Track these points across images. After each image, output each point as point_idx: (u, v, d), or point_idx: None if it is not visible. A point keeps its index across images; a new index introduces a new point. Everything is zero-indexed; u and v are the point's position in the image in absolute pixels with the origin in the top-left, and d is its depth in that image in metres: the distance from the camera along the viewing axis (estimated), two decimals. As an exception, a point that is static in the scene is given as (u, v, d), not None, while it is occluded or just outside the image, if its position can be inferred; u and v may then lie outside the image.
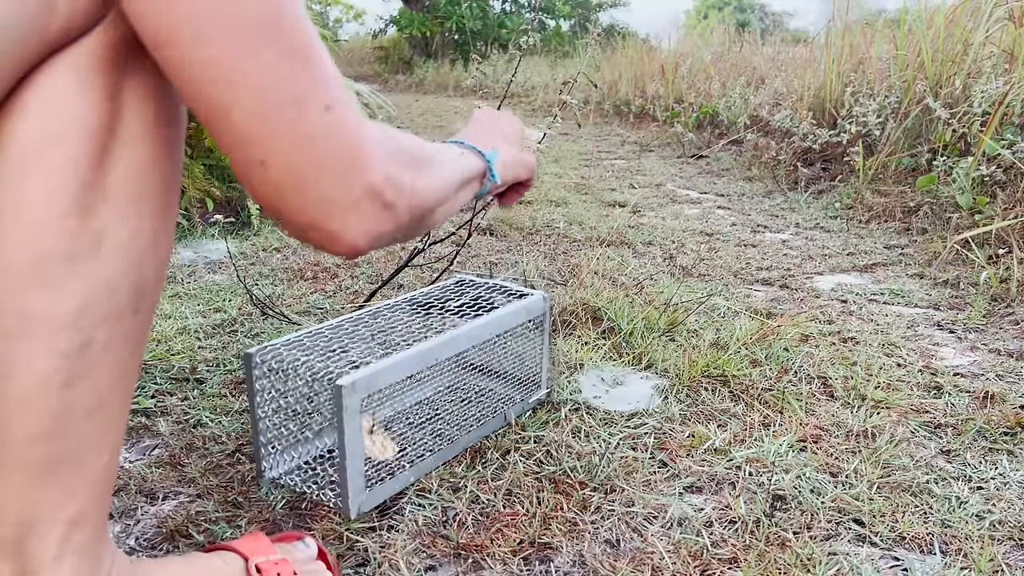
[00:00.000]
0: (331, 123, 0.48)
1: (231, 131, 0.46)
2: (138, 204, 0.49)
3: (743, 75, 4.60)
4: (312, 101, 0.47)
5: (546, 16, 11.99)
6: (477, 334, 0.97)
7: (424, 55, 11.64)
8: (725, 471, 0.96)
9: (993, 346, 1.40)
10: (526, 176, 0.85)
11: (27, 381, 0.47)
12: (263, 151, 0.46)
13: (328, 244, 0.51)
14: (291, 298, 1.61)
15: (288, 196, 0.48)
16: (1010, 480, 0.94)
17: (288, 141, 0.46)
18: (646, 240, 2.19)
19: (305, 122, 0.46)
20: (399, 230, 0.55)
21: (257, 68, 0.45)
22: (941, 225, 2.22)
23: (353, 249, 0.51)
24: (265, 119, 0.46)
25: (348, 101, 0.49)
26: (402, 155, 0.55)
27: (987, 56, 2.59)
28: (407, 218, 0.55)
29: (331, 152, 0.48)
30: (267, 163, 0.47)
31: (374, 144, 0.51)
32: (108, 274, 0.49)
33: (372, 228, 0.51)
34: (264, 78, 0.45)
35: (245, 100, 0.45)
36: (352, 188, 0.49)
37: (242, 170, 0.48)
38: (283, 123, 0.46)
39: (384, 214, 0.52)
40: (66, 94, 0.46)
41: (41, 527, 0.50)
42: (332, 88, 0.48)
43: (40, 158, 0.45)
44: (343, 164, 0.49)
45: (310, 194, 0.48)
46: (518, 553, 0.79)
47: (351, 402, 0.80)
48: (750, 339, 1.37)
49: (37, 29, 0.44)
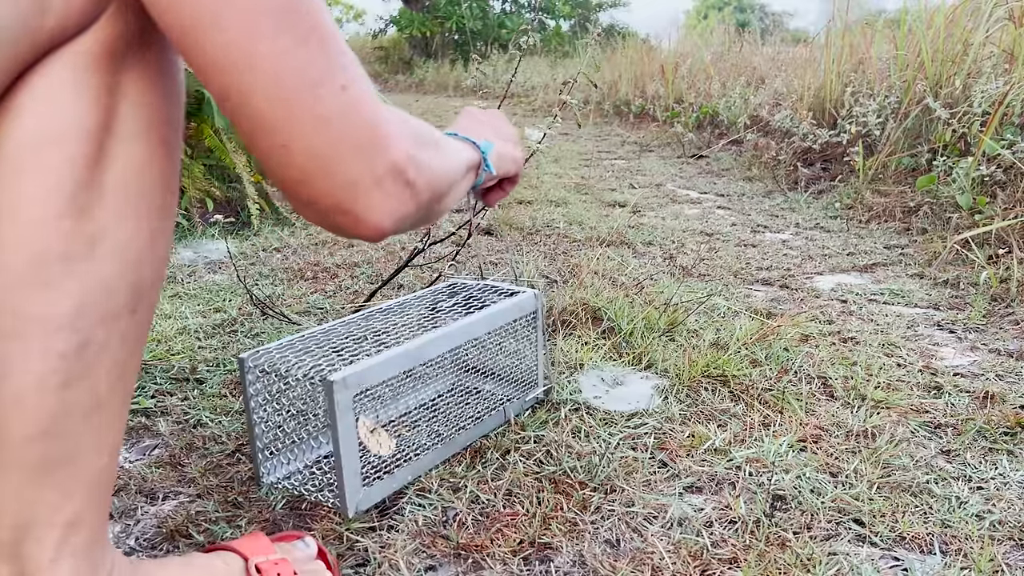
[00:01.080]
0: (347, 103, 0.47)
1: (252, 116, 0.46)
2: (135, 204, 0.49)
3: (743, 75, 4.60)
4: (329, 83, 0.47)
5: (546, 16, 11.99)
6: (469, 331, 0.97)
7: (424, 55, 11.64)
8: (725, 471, 0.96)
9: (993, 346, 1.40)
10: (515, 171, 0.85)
11: (24, 382, 0.47)
12: (285, 135, 0.46)
13: (354, 227, 0.51)
14: (291, 298, 1.61)
15: (313, 179, 0.48)
16: (1010, 480, 0.94)
17: (308, 124, 0.46)
18: (646, 240, 2.19)
19: (322, 104, 0.46)
20: (420, 210, 0.55)
21: (275, 52, 0.45)
22: (941, 225, 2.22)
23: (379, 230, 0.51)
24: (285, 102, 0.46)
25: (364, 81, 0.49)
26: (417, 135, 0.55)
27: (987, 56, 2.58)
28: (427, 197, 0.55)
29: (349, 132, 0.48)
30: (289, 147, 0.47)
31: (390, 124, 0.51)
32: (105, 274, 0.48)
33: (396, 208, 0.51)
34: (282, 62, 0.45)
35: (263, 84, 0.45)
36: (375, 166, 0.49)
37: (265, 156, 0.48)
38: (302, 106, 0.46)
39: (406, 192, 0.52)
40: (62, 94, 0.45)
41: (38, 529, 0.50)
42: (349, 69, 0.48)
43: (36, 158, 0.45)
44: (363, 143, 0.48)
45: (335, 176, 0.48)
46: (518, 553, 0.79)
47: (343, 398, 0.80)
48: (750, 339, 1.37)
49: (31, 29, 0.44)
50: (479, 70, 5.71)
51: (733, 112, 4.12)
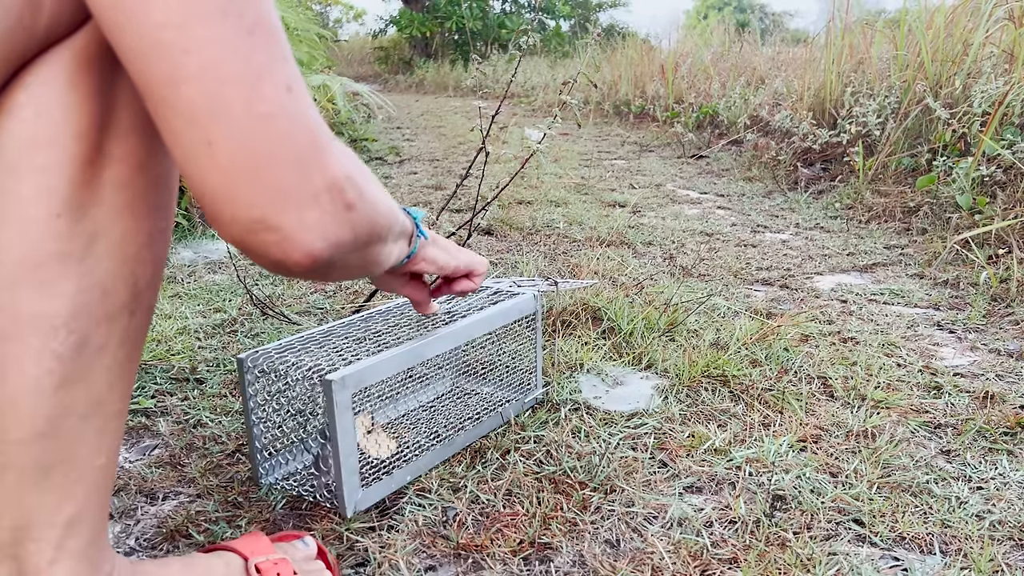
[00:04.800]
0: (292, 104, 0.43)
1: (178, 107, 0.41)
2: (133, 204, 0.48)
3: (743, 75, 4.60)
4: (271, 79, 0.42)
5: (546, 16, 11.99)
6: (468, 332, 0.97)
7: (424, 55, 11.64)
8: (725, 471, 0.96)
9: (993, 346, 1.40)
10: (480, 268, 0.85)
11: (20, 383, 0.47)
12: (211, 131, 0.41)
13: (280, 248, 0.44)
14: (291, 298, 1.61)
15: (237, 185, 0.42)
16: (1010, 480, 0.94)
17: (242, 121, 0.42)
18: (646, 240, 2.19)
19: (263, 100, 0.42)
20: (357, 243, 0.49)
21: (214, 37, 0.41)
22: (941, 225, 2.22)
23: (310, 254, 0.45)
24: (219, 93, 0.41)
25: (308, 93, 0.45)
26: (359, 165, 0.51)
27: (987, 56, 2.58)
28: (365, 230, 0.49)
29: (291, 134, 0.43)
30: (214, 144, 0.42)
31: (334, 141, 0.46)
32: (102, 275, 0.48)
33: (332, 231, 0.45)
34: (221, 48, 0.41)
35: (197, 71, 0.41)
36: (312, 178, 0.44)
37: (187, 156, 0.42)
38: (239, 99, 0.41)
39: (345, 215, 0.46)
40: (57, 93, 0.45)
41: (37, 530, 0.50)
42: (296, 75, 0.44)
43: (31, 158, 0.45)
44: (303, 148, 0.43)
45: (263, 182, 0.42)
46: (518, 553, 0.79)
47: (342, 398, 0.80)
48: (750, 339, 1.37)
49: (24, 27, 0.43)
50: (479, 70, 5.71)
51: (733, 112, 4.12)
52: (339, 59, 10.37)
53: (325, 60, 4.32)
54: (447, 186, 2.96)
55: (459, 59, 10.85)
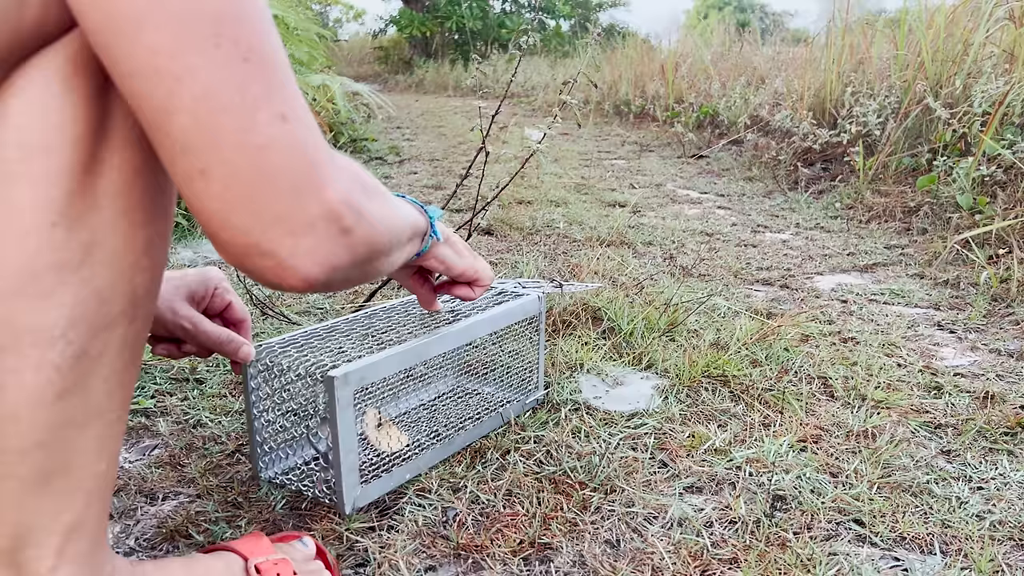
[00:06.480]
0: (286, 134, 0.43)
1: (172, 135, 0.42)
2: (130, 211, 0.47)
3: (743, 75, 4.60)
4: (266, 108, 0.42)
5: (546, 16, 11.99)
6: (471, 331, 0.97)
7: (424, 55, 11.64)
8: (725, 471, 0.96)
9: (993, 346, 1.40)
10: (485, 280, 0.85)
11: (18, 395, 0.46)
12: (204, 159, 0.42)
13: (276, 274, 0.45)
14: (291, 298, 1.61)
15: (232, 213, 0.43)
16: (1010, 480, 0.94)
17: (236, 152, 0.42)
18: (646, 240, 2.19)
19: (256, 130, 0.42)
20: (356, 264, 0.49)
21: (208, 64, 0.40)
22: (941, 225, 2.22)
23: (306, 280, 0.46)
24: (211, 123, 0.41)
25: (309, 120, 0.45)
26: (365, 184, 0.51)
27: (987, 56, 2.58)
28: (364, 251, 0.49)
29: (283, 164, 0.43)
30: (208, 173, 0.42)
31: (334, 164, 0.46)
32: (100, 284, 0.47)
33: (327, 257, 0.46)
34: (214, 77, 0.41)
35: (189, 100, 0.41)
36: (307, 205, 0.44)
37: (183, 183, 0.43)
38: (231, 130, 0.41)
39: (341, 240, 0.46)
40: (50, 98, 0.43)
41: (37, 536, 0.49)
42: (293, 101, 0.44)
43: (26, 166, 0.44)
44: (297, 177, 0.44)
45: (258, 211, 0.43)
46: (518, 553, 0.79)
47: (343, 394, 0.80)
48: (750, 339, 1.37)
49: (10, 23, 0.42)
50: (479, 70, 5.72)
51: (733, 112, 4.12)
52: (339, 59, 10.36)
53: (325, 60, 4.32)
54: (447, 186, 2.96)
55: (459, 59, 10.85)
